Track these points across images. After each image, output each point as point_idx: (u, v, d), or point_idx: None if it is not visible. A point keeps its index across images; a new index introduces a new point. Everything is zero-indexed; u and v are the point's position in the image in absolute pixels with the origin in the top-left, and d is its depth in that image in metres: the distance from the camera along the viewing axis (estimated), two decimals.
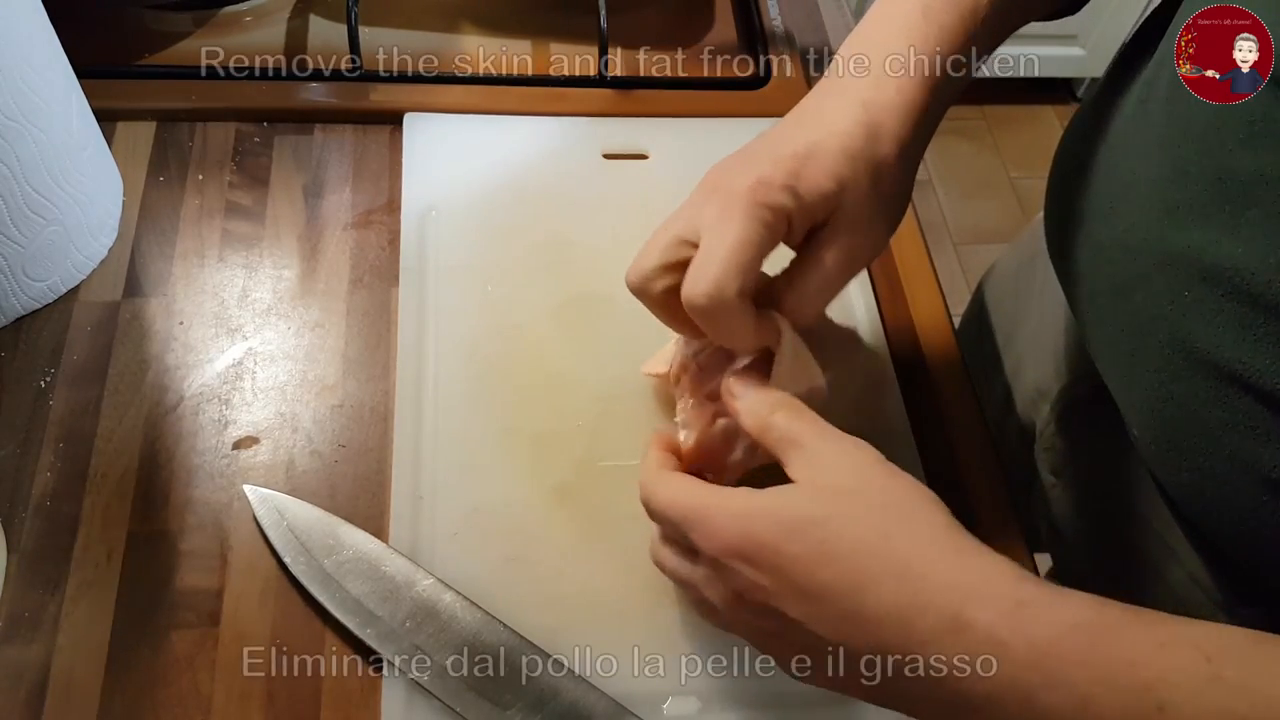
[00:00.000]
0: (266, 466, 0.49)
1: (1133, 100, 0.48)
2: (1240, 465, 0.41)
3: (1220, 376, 0.40)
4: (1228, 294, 0.39)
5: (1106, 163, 0.49)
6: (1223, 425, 0.41)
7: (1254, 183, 0.37)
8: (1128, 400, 0.47)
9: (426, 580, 0.45)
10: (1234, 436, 0.41)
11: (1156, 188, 0.43)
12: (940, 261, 0.63)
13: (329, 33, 0.65)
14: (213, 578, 0.46)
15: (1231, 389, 0.40)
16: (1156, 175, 0.43)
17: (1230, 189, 0.39)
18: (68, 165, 0.50)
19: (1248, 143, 0.38)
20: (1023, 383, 0.67)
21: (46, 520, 0.46)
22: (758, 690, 0.45)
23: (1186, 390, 0.42)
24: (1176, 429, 0.44)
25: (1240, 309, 0.39)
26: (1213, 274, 0.39)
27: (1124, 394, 0.48)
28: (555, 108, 0.64)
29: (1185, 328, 0.41)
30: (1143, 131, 0.45)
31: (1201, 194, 0.40)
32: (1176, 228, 0.41)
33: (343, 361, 0.53)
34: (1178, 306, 0.42)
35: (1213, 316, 0.40)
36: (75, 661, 0.43)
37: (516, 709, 0.43)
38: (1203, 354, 0.41)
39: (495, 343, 0.54)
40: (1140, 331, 0.45)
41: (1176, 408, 0.43)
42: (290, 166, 0.60)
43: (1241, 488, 0.41)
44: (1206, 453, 0.42)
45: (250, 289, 0.55)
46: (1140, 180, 0.45)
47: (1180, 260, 0.41)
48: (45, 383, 0.50)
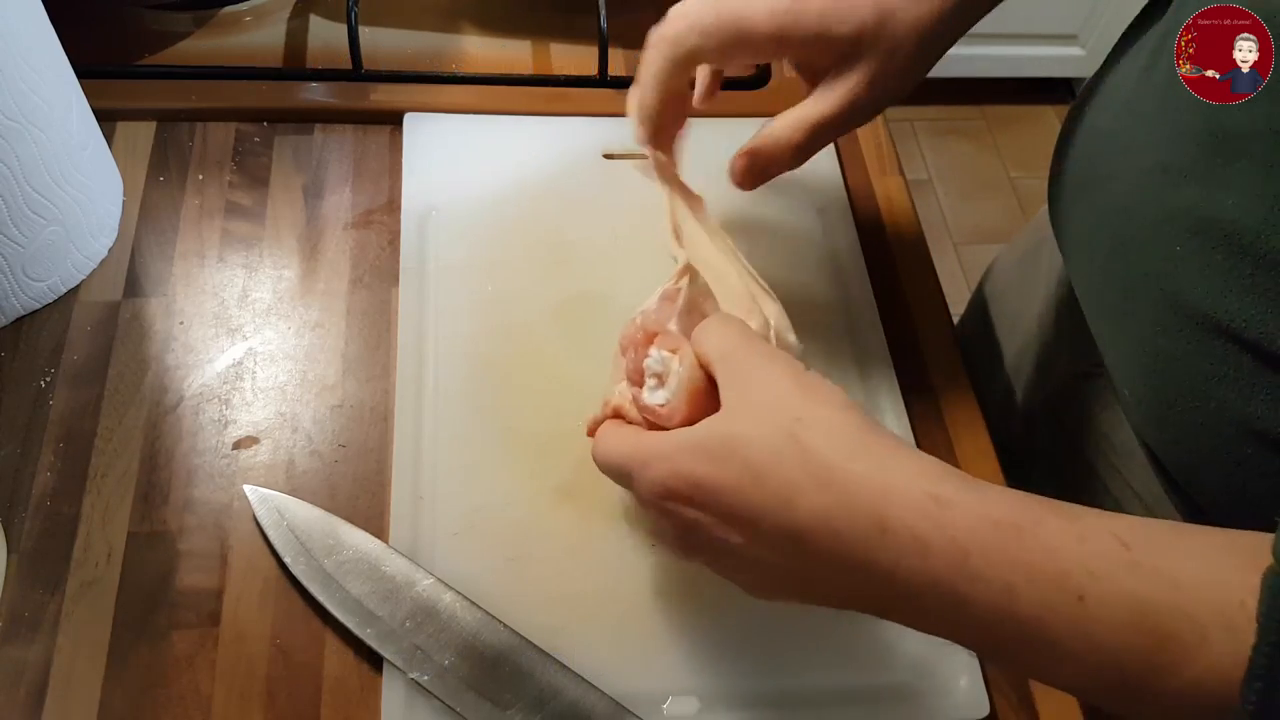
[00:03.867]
0: (266, 466, 0.49)
1: (1136, 71, 0.49)
2: (1227, 419, 0.42)
3: (1208, 328, 0.41)
4: (1217, 246, 0.40)
5: (1108, 132, 0.50)
6: (1210, 377, 0.42)
7: (1245, 136, 0.38)
8: (1117, 361, 0.48)
9: (426, 580, 0.45)
10: (1221, 388, 0.41)
11: (1153, 150, 0.44)
12: (940, 261, 0.63)
13: (329, 33, 0.65)
14: (213, 578, 0.46)
15: (1219, 340, 0.41)
16: (1154, 139, 0.44)
17: (1222, 143, 0.39)
18: (68, 165, 0.50)
19: None
20: (1024, 373, 0.68)
21: (46, 520, 0.46)
22: (758, 690, 0.45)
23: (1176, 344, 0.43)
24: (1166, 385, 0.44)
25: (1229, 260, 0.39)
26: (1203, 227, 0.40)
27: (1115, 354, 0.49)
28: (555, 108, 0.64)
29: (1176, 282, 0.42)
30: (1144, 101, 0.46)
31: (1194, 151, 0.41)
32: (1171, 185, 0.42)
33: (343, 361, 0.53)
34: (1170, 261, 0.42)
35: (1202, 269, 0.41)
36: (75, 661, 0.43)
37: (516, 709, 0.43)
38: (1192, 307, 0.42)
39: (495, 343, 0.54)
40: (1133, 290, 0.46)
41: (1166, 363, 0.44)
42: (290, 166, 0.60)
43: (1228, 442, 0.42)
44: (1194, 408, 0.43)
45: (250, 289, 0.55)
46: (1139, 144, 0.46)
47: (1174, 216, 0.42)
48: (45, 383, 0.50)
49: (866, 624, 0.47)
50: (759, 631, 0.46)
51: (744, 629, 0.46)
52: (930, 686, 0.46)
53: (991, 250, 0.79)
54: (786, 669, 0.46)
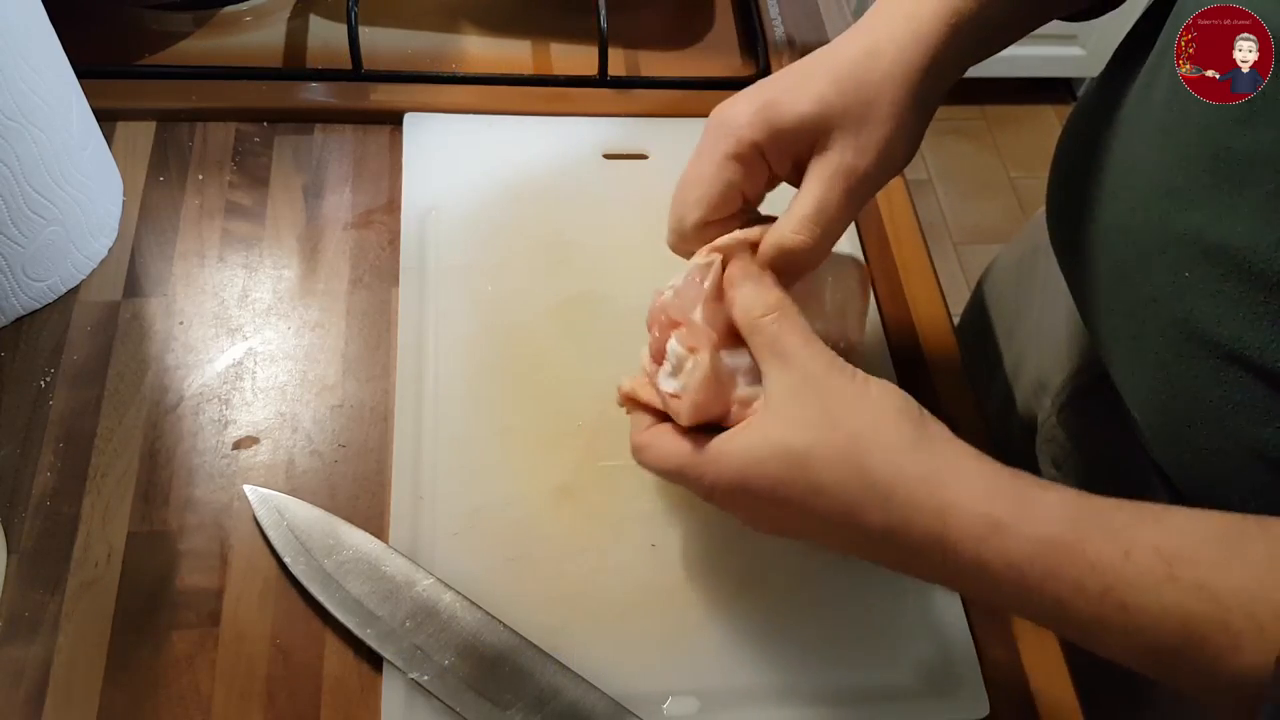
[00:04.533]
0: (266, 466, 0.49)
1: (1136, 88, 0.48)
2: (1241, 446, 0.41)
3: (1221, 356, 0.41)
4: (1227, 273, 0.39)
5: (1109, 149, 0.49)
6: (1223, 405, 0.41)
7: (1251, 161, 0.38)
8: (1130, 383, 0.48)
9: (426, 580, 0.45)
10: (1235, 416, 0.41)
11: (1157, 171, 0.43)
12: (940, 261, 0.63)
13: (329, 33, 0.65)
14: (213, 578, 0.46)
15: (1232, 368, 0.40)
16: (1158, 159, 0.43)
17: (1228, 168, 0.39)
18: (68, 165, 0.50)
19: (1245, 121, 0.38)
20: (1024, 376, 0.67)
21: (46, 520, 0.46)
22: (758, 690, 0.45)
23: (1187, 371, 0.43)
24: (1178, 411, 0.44)
25: (1240, 287, 0.39)
26: (1213, 253, 0.40)
27: (1126, 377, 0.48)
28: (555, 108, 0.64)
29: (1186, 308, 0.42)
30: (1145, 117, 0.46)
31: (1201, 174, 0.40)
32: (1177, 209, 0.42)
33: (343, 361, 0.53)
34: (1178, 287, 0.42)
35: (1213, 296, 0.40)
36: (75, 661, 0.43)
37: (516, 709, 0.43)
38: (1203, 334, 0.41)
39: (495, 343, 0.54)
40: (1142, 314, 0.45)
41: (1178, 389, 0.43)
42: (290, 166, 0.60)
43: (1242, 468, 0.42)
44: (1207, 434, 0.43)
45: (250, 289, 0.55)
46: (1142, 164, 0.45)
47: (1181, 241, 0.42)
48: (45, 383, 0.50)
49: (867, 625, 0.47)
50: (759, 632, 0.46)
51: (744, 629, 0.46)
52: (930, 687, 0.46)
53: (991, 250, 0.79)
54: (786, 669, 0.46)
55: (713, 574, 0.47)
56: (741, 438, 0.39)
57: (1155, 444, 0.48)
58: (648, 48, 0.67)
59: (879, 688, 0.46)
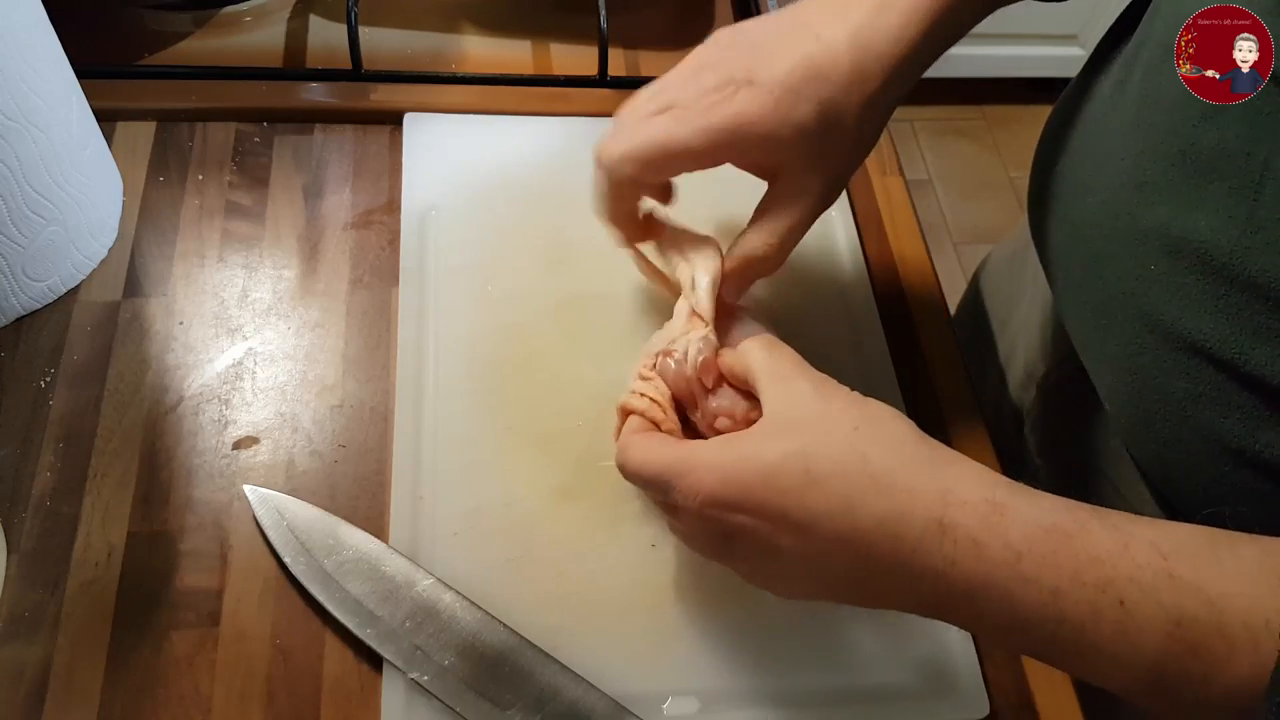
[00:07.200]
0: (266, 466, 0.49)
1: (1111, 84, 0.49)
2: (1204, 436, 0.42)
3: (1184, 348, 0.41)
4: (1191, 266, 0.40)
5: (1083, 145, 0.50)
6: (1187, 396, 0.42)
7: (1216, 156, 0.39)
8: (1100, 374, 0.49)
9: (426, 580, 0.45)
10: (1198, 407, 0.42)
11: (1127, 165, 0.44)
12: (940, 261, 0.64)
13: (329, 33, 0.65)
14: (213, 578, 0.46)
15: (1195, 360, 0.41)
16: (1128, 153, 0.44)
17: (1194, 163, 0.40)
18: (68, 165, 0.50)
19: (1210, 117, 0.39)
20: (1015, 366, 0.69)
21: (46, 520, 0.46)
22: (758, 690, 0.45)
23: (1153, 362, 0.43)
24: (1145, 401, 0.45)
25: (1203, 281, 0.40)
26: (1178, 247, 0.41)
27: (1096, 368, 0.49)
28: (555, 108, 0.64)
29: (1151, 301, 0.43)
30: (1118, 112, 0.46)
31: (1168, 170, 0.41)
32: (1145, 204, 0.43)
33: (343, 361, 0.53)
34: (1144, 280, 0.43)
35: (1177, 289, 0.41)
36: (75, 661, 0.43)
37: (516, 709, 0.43)
38: (1168, 326, 0.42)
39: (495, 343, 0.54)
40: (1110, 306, 0.46)
41: (1144, 380, 0.44)
42: (290, 166, 0.60)
43: (1206, 458, 0.43)
44: (1173, 424, 0.44)
45: (250, 289, 0.55)
46: (1113, 159, 0.46)
47: (1148, 235, 0.42)
48: (45, 383, 0.50)
49: (867, 625, 0.47)
50: (759, 632, 0.46)
51: (744, 629, 0.46)
52: (930, 687, 0.46)
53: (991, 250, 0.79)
54: (787, 669, 0.46)
55: (713, 574, 0.47)
56: (737, 438, 0.39)
57: (1126, 433, 0.49)
58: (648, 48, 0.67)
59: (879, 688, 0.46)
